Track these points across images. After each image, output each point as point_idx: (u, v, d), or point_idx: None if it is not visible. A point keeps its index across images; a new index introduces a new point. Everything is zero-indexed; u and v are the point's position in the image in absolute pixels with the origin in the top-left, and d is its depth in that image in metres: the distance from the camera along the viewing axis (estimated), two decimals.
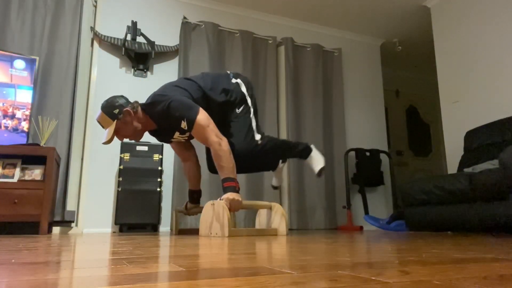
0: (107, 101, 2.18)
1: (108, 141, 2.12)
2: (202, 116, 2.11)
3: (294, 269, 0.65)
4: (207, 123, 2.12)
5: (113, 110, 2.15)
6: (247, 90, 2.40)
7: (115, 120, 2.15)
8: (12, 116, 2.82)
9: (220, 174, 2.13)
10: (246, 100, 2.37)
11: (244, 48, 4.01)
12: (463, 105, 3.61)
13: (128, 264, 0.74)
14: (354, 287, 0.47)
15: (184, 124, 2.10)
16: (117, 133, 2.20)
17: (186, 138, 2.37)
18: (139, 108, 2.22)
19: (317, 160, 2.54)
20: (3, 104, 2.81)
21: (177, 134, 2.29)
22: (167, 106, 2.10)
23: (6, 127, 2.79)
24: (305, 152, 2.56)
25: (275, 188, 2.82)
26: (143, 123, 2.25)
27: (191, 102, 2.15)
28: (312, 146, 2.61)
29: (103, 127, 2.19)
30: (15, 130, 2.81)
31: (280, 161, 2.75)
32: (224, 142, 2.13)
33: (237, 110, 2.34)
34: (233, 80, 2.40)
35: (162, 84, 3.72)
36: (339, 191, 4.13)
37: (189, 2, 4.02)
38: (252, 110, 2.38)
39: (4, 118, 2.80)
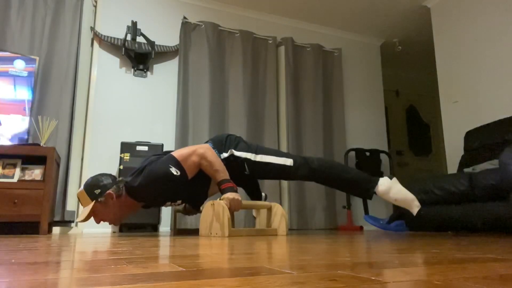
0: (92, 178, 2.01)
1: (83, 221, 1.95)
2: (179, 153, 2.03)
3: (294, 269, 0.65)
4: (188, 152, 2.04)
5: (94, 189, 1.95)
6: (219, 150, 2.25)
7: (94, 201, 1.95)
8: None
9: (215, 179, 2.10)
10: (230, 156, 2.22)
11: (244, 48, 4.01)
12: (463, 105, 3.61)
13: (128, 264, 0.74)
14: (354, 287, 0.47)
15: (175, 170, 1.96)
16: (95, 215, 2.00)
17: (178, 204, 2.28)
18: (124, 191, 2.01)
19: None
20: None
21: (168, 203, 2.19)
22: (148, 172, 1.95)
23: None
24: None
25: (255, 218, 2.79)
26: (128, 206, 2.06)
27: (165, 157, 2.04)
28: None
29: (81, 204, 2.01)
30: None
31: (263, 194, 2.74)
32: (206, 149, 2.07)
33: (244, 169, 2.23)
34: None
35: (162, 84, 3.73)
36: (339, 191, 4.12)
37: (189, 2, 4.02)
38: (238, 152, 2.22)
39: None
